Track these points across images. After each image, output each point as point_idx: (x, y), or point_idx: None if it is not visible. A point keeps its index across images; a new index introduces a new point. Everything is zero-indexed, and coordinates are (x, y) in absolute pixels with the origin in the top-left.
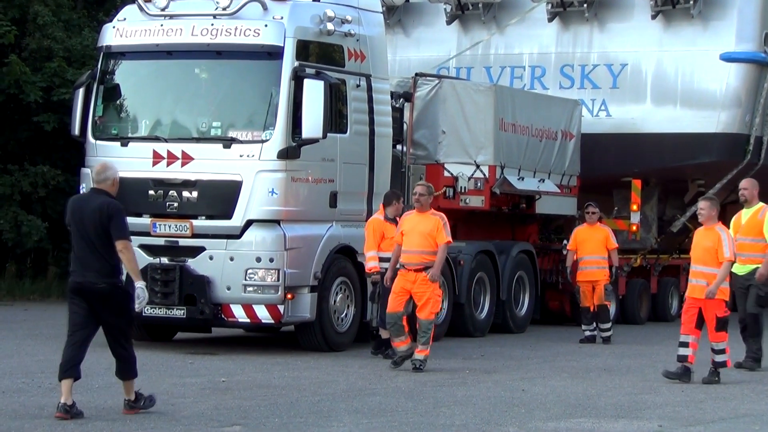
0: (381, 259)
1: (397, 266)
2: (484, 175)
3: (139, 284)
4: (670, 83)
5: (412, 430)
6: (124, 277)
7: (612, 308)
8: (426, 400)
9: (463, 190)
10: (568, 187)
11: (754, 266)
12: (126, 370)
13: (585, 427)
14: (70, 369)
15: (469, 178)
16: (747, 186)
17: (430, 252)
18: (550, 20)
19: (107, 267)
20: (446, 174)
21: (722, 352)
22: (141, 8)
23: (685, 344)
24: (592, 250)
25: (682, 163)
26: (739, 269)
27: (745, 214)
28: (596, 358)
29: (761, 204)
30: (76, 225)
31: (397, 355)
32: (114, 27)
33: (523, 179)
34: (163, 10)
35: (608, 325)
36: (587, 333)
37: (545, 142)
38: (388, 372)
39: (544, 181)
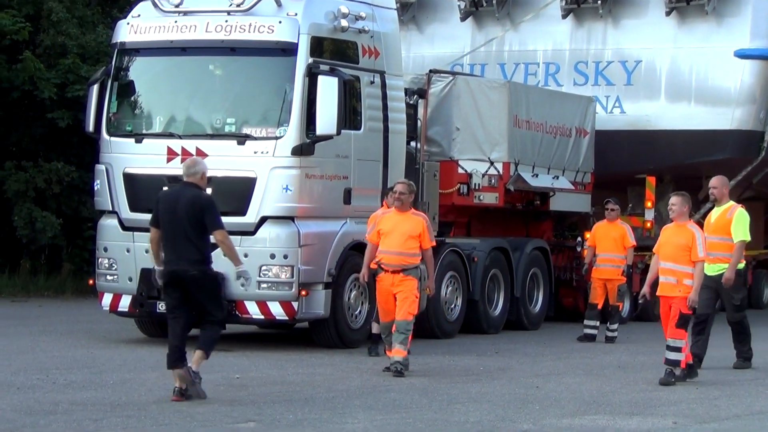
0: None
1: (377, 269)
2: (498, 171)
3: (241, 267)
4: (684, 80)
5: (427, 427)
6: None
7: (626, 306)
8: (440, 396)
9: (477, 187)
10: (582, 184)
11: (724, 266)
12: (204, 341)
13: (599, 424)
14: (176, 360)
15: (483, 175)
16: (717, 185)
17: (412, 254)
18: (564, 17)
19: (199, 255)
20: (460, 171)
21: (678, 350)
22: (155, 5)
23: None
24: (609, 247)
25: (697, 160)
26: (708, 269)
27: (715, 213)
28: (610, 354)
29: (731, 203)
30: (170, 217)
31: (391, 362)
32: (128, 23)
33: (537, 176)
34: (177, 6)
35: (615, 326)
36: (587, 330)
37: (559, 139)
38: None
39: (558, 177)
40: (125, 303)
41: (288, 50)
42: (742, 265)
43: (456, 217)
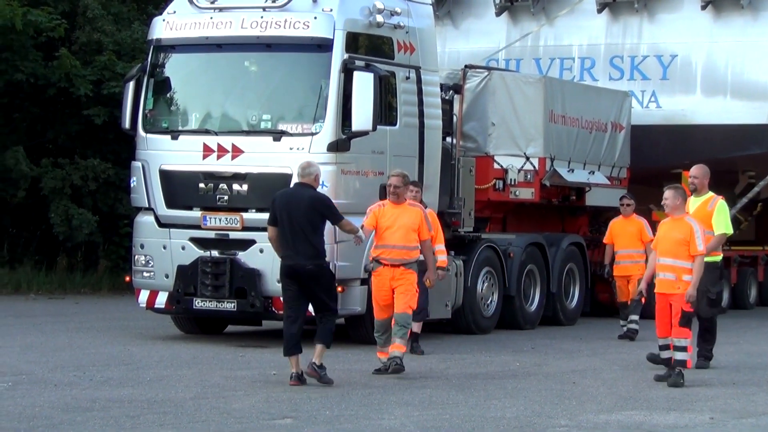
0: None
1: (371, 266)
2: (534, 167)
3: (360, 233)
4: (720, 74)
5: (463, 423)
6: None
7: None
8: (477, 392)
9: (513, 183)
10: (618, 178)
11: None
12: (322, 334)
13: (636, 419)
14: (292, 347)
15: (519, 170)
16: (698, 174)
17: (413, 247)
18: (600, 11)
19: (314, 251)
20: (496, 166)
21: (684, 349)
22: (191, 1)
23: (665, 347)
24: (626, 243)
25: (733, 155)
26: None
27: (693, 203)
28: (647, 350)
29: (711, 194)
30: (288, 215)
31: (390, 357)
32: (164, 20)
33: (573, 171)
34: (212, 2)
35: (635, 317)
36: (626, 327)
37: (595, 134)
38: (439, 364)
39: (594, 173)
40: (162, 300)
41: (323, 46)
42: (719, 258)
43: (492, 212)
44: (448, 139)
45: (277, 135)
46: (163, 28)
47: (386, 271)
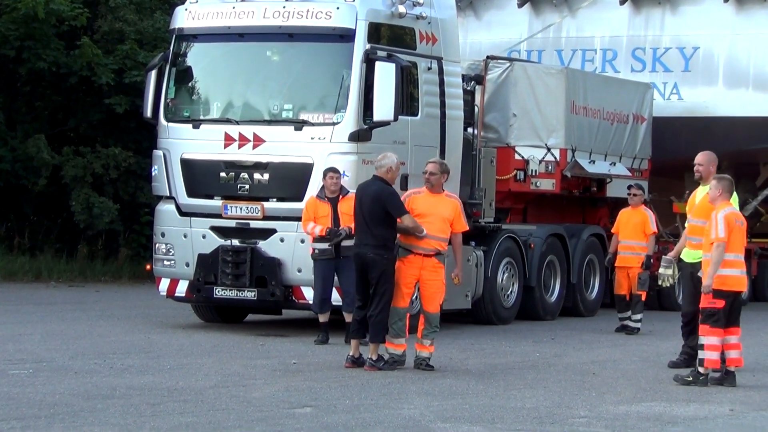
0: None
1: (401, 251)
2: (555, 158)
3: (424, 233)
4: (742, 66)
5: (483, 413)
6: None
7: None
8: (496, 382)
9: (533, 173)
10: (640, 170)
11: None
12: (372, 334)
13: (656, 410)
14: (353, 331)
15: (540, 161)
16: (702, 162)
17: (446, 239)
18: (622, 3)
19: (376, 241)
20: (517, 157)
21: (701, 347)
22: None
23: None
24: (629, 234)
25: (754, 147)
26: (689, 256)
27: (700, 193)
28: (667, 341)
29: None
30: (359, 206)
31: (391, 358)
32: (186, 9)
33: (594, 162)
34: None
35: (639, 316)
36: (623, 323)
37: (616, 126)
38: (459, 355)
39: (615, 164)
40: (182, 288)
41: (346, 36)
42: None
43: (512, 203)
44: (470, 130)
45: (299, 124)
46: (186, 17)
47: (416, 260)
